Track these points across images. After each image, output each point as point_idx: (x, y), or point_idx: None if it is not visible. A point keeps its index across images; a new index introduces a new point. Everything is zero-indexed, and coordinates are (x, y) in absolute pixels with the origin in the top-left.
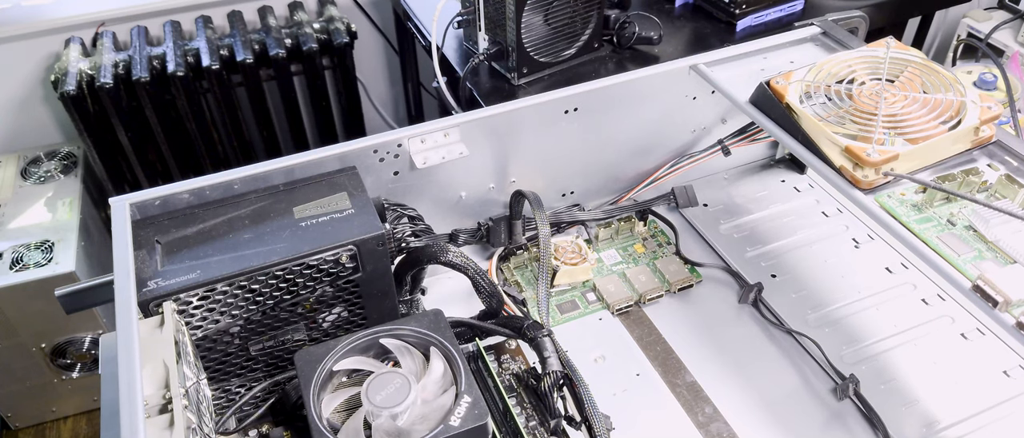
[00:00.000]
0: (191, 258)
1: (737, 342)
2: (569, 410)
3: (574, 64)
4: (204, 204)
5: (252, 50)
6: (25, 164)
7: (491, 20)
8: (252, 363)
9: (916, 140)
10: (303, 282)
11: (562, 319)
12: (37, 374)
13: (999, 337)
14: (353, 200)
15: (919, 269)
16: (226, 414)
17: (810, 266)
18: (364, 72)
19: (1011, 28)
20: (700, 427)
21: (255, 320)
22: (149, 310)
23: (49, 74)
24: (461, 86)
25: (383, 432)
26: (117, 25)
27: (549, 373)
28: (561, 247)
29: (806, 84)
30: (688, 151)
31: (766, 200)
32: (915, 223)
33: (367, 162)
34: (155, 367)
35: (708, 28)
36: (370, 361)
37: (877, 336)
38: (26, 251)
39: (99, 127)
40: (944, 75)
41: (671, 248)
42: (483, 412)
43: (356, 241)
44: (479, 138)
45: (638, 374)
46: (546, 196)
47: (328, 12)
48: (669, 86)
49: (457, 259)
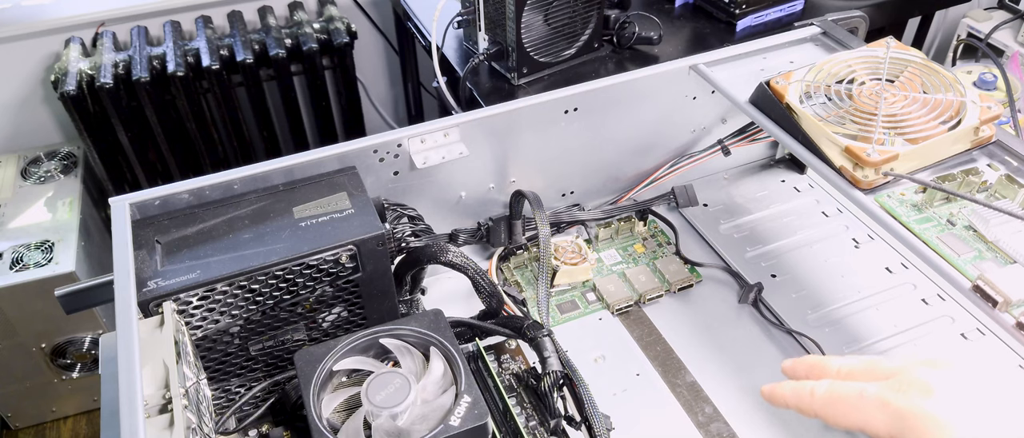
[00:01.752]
0: (191, 258)
1: (737, 342)
2: (569, 410)
3: (574, 64)
4: (204, 204)
5: (252, 50)
6: (25, 164)
7: (491, 20)
8: (252, 363)
9: (916, 140)
10: (303, 282)
11: (562, 319)
12: (37, 374)
13: (999, 337)
14: (353, 200)
15: (919, 269)
16: (226, 414)
17: (810, 266)
18: (364, 72)
19: (1011, 28)
20: (700, 427)
21: (255, 320)
22: (149, 310)
23: (49, 74)
24: (461, 86)
25: (383, 432)
26: (117, 25)
27: (549, 373)
28: (561, 247)
29: (806, 84)
30: (688, 151)
31: (766, 200)
32: (915, 223)
33: (367, 162)
34: (155, 367)
35: (708, 28)
36: (370, 361)
37: (877, 336)
38: (26, 251)
39: (99, 127)
40: (944, 75)
41: (671, 248)
42: (483, 412)
43: (356, 241)
44: (479, 138)
45: (638, 374)
46: (546, 196)
47: (328, 12)
48: (669, 86)
49: (457, 259)
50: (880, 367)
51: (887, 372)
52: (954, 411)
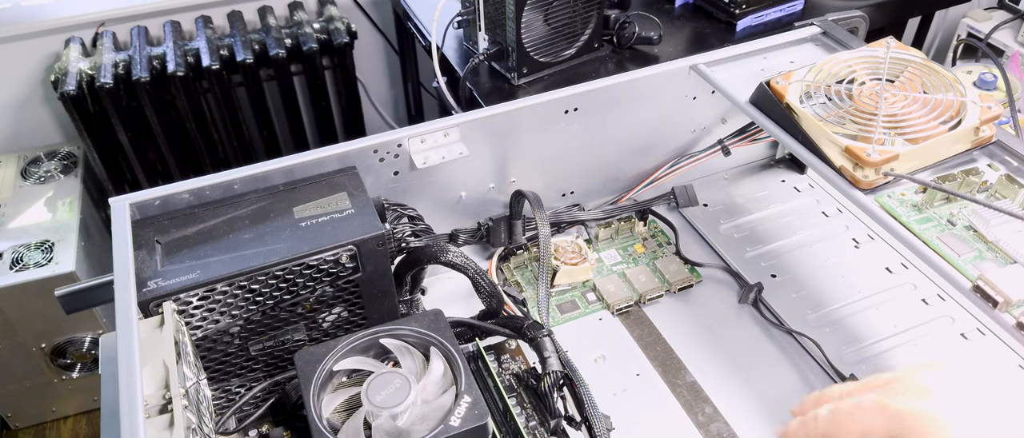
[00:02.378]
0: (191, 258)
1: (737, 342)
2: (569, 410)
3: (574, 64)
4: (204, 204)
5: (252, 50)
6: (25, 164)
7: (491, 20)
8: (252, 363)
9: (916, 140)
10: (303, 282)
11: (562, 319)
12: (37, 374)
13: (999, 337)
14: (353, 200)
15: (919, 269)
16: (226, 414)
17: (810, 266)
18: (364, 72)
19: (1011, 28)
20: (700, 427)
21: (255, 320)
22: (149, 310)
23: (49, 74)
24: (461, 86)
25: (383, 432)
26: (117, 25)
27: (549, 373)
28: (561, 247)
29: (806, 84)
30: (688, 151)
31: (766, 200)
32: (915, 223)
33: (367, 162)
34: (155, 367)
35: (708, 28)
36: (370, 361)
37: (877, 336)
38: (26, 251)
39: (99, 127)
40: (944, 75)
41: (671, 248)
42: (483, 412)
43: (356, 241)
44: (479, 138)
45: (638, 374)
46: (546, 196)
47: (328, 12)
48: (669, 86)
49: (457, 259)
50: (878, 378)
51: (884, 380)
52: (952, 410)
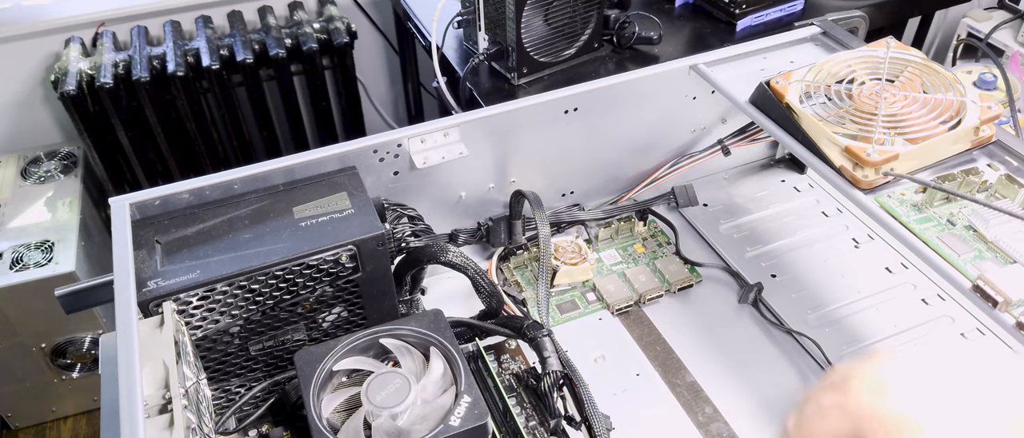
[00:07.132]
0: (191, 258)
1: (737, 342)
2: (569, 410)
3: (574, 64)
4: (204, 204)
5: (252, 50)
6: (25, 164)
7: (491, 20)
8: (252, 363)
9: (916, 140)
10: (303, 282)
11: (562, 319)
12: (37, 374)
13: (999, 337)
14: (353, 200)
15: (919, 269)
16: (226, 414)
17: (810, 266)
18: (364, 72)
19: (1011, 28)
20: (700, 427)
21: (255, 320)
22: (149, 310)
23: (49, 74)
24: (461, 86)
25: (383, 432)
26: (117, 25)
27: (549, 373)
28: (561, 247)
29: (806, 84)
30: (688, 151)
31: (766, 200)
32: (915, 223)
33: (367, 162)
34: (155, 367)
35: (708, 28)
36: (370, 361)
37: (877, 336)
38: (26, 251)
39: (99, 127)
40: (944, 75)
41: (671, 248)
42: (483, 412)
43: (356, 241)
44: (479, 138)
45: (638, 374)
46: (546, 196)
47: (328, 12)
48: (669, 86)
49: (457, 259)
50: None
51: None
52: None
